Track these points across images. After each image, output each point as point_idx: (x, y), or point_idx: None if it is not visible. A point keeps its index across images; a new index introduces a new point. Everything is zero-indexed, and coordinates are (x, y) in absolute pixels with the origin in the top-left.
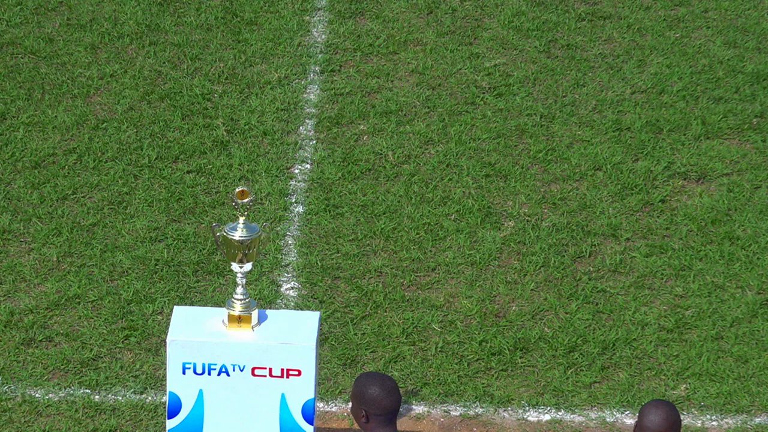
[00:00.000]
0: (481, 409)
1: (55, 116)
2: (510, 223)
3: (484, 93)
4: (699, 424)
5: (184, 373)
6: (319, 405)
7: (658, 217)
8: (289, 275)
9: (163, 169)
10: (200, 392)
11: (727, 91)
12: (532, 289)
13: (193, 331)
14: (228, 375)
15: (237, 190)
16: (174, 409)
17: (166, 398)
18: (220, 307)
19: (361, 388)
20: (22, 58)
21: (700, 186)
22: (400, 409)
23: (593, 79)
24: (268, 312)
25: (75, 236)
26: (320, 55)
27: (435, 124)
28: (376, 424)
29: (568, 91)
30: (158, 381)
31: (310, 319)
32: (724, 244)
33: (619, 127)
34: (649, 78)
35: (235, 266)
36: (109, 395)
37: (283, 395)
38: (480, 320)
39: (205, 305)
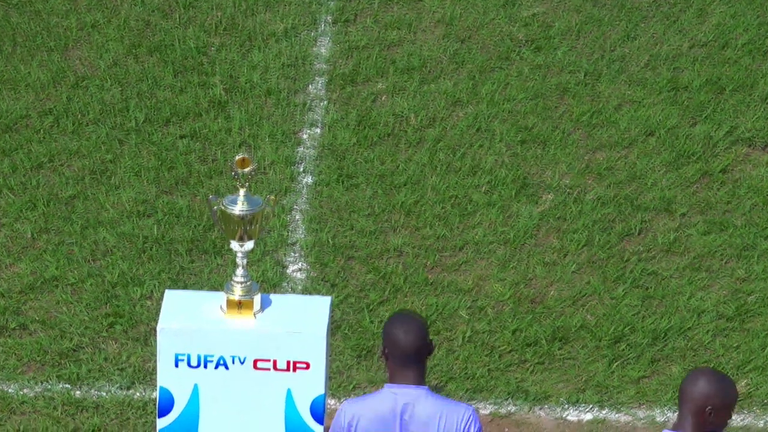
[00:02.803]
0: (513, 407)
1: (29, 72)
2: (549, 196)
3: (520, 47)
4: (761, 424)
5: (176, 365)
6: (330, 402)
7: (718, 189)
8: (297, 255)
9: (153, 134)
10: (195, 387)
11: None
12: (573, 272)
13: (187, 319)
14: (227, 368)
15: (237, 157)
16: (165, 407)
17: (156, 394)
18: (218, 291)
19: (386, 325)
20: None
21: (767, 154)
22: None
23: (646, 31)
24: (273, 297)
25: (52, 210)
26: (332, 3)
27: (464, 83)
28: (394, 364)
29: (617, 44)
30: (147, 375)
31: (320, 304)
32: None
33: (675, 86)
34: (711, 30)
35: (234, 244)
36: (92, 391)
37: (289, 391)
38: (513, 306)
39: (201, 289)
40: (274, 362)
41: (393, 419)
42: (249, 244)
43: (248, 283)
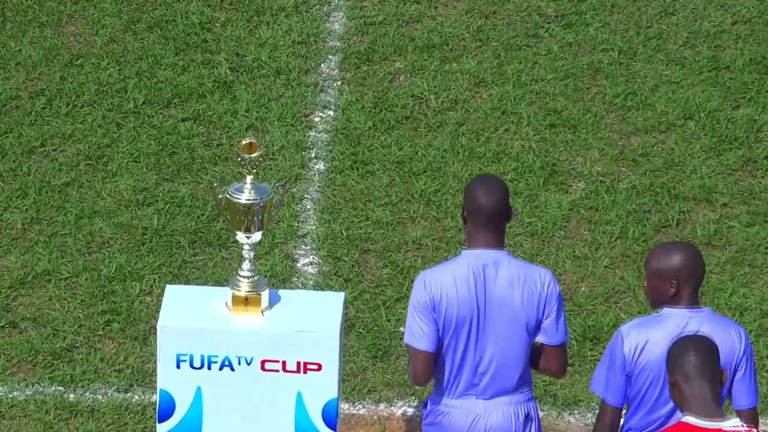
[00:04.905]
0: (541, 413)
1: (19, 50)
2: (579, 184)
3: (549, 23)
4: None
5: (178, 366)
6: (344, 406)
7: (762, 177)
8: (308, 247)
9: (153, 116)
10: (198, 390)
11: None
12: (605, 266)
13: (190, 316)
14: (232, 369)
15: (243, 142)
16: (166, 411)
17: (156, 397)
18: (223, 286)
19: (467, 187)
20: None
21: None
22: None
23: (684, 6)
24: (282, 292)
25: (44, 198)
26: None
27: (488, 62)
28: (474, 227)
29: (654, 20)
30: (147, 376)
31: (333, 301)
32: None
33: (717, 65)
34: (755, 5)
35: (241, 236)
36: (87, 393)
37: (299, 394)
38: None
39: (204, 284)
40: (284, 363)
41: (475, 282)
42: (256, 236)
43: (255, 278)
